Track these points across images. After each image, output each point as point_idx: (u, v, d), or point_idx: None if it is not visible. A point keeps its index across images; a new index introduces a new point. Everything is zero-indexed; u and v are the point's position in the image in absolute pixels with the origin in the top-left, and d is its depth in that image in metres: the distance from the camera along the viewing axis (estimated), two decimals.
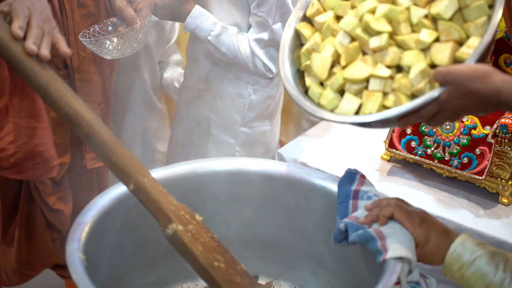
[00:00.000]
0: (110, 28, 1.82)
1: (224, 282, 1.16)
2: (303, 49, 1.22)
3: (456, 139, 1.84)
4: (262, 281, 1.46)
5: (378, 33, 1.12)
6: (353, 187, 1.29)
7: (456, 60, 1.06)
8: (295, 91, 1.18)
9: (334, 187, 1.34)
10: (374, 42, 1.12)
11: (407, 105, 1.05)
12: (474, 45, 1.05)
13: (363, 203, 1.25)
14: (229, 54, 1.92)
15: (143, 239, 1.29)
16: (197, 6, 1.92)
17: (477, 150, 1.81)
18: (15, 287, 2.13)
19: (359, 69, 1.13)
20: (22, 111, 1.35)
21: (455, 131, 1.85)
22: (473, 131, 1.83)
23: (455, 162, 1.85)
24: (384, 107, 1.11)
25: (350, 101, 1.12)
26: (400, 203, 1.20)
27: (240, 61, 1.93)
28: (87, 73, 1.88)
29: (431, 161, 1.89)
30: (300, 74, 1.23)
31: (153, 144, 2.47)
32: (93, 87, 1.92)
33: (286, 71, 1.21)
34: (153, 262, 1.31)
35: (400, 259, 1.12)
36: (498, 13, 1.06)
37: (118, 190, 1.31)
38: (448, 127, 1.86)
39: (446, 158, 1.87)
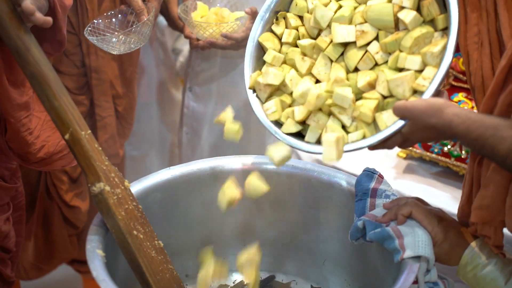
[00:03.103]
0: (114, 21, 1.82)
1: (139, 252, 1.16)
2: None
3: None
4: (279, 279, 1.47)
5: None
6: (371, 185, 1.29)
7: (414, 91, 1.10)
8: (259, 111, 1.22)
9: (351, 185, 1.35)
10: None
11: (375, 137, 1.10)
12: (429, 77, 1.08)
13: (381, 202, 1.25)
14: None
15: (162, 234, 1.30)
16: None
17: None
18: (32, 281, 2.15)
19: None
20: (40, 105, 1.37)
21: None
22: None
23: None
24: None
25: (314, 132, 1.17)
26: (418, 202, 1.20)
27: None
28: (104, 73, 1.89)
29: (448, 159, 1.88)
30: None
31: (170, 138, 2.48)
32: (111, 85, 1.93)
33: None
34: (171, 257, 1.31)
35: (418, 258, 1.13)
36: (453, 42, 1.07)
37: (136, 188, 1.32)
38: None
39: (462, 156, 1.86)
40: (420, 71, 1.11)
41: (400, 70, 1.13)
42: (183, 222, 1.41)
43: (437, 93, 1.08)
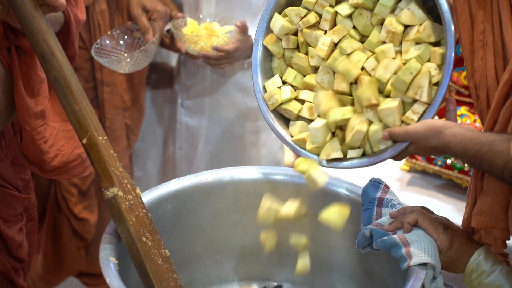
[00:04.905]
0: (120, 41, 1.86)
1: (147, 258, 1.18)
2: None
3: None
4: None
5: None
6: (378, 195, 1.31)
7: (403, 121, 1.17)
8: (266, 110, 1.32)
9: (357, 195, 1.37)
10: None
11: (384, 155, 1.19)
12: (419, 112, 1.15)
13: (387, 211, 1.28)
14: None
15: (172, 244, 1.32)
16: None
17: None
18: None
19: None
20: (55, 115, 1.41)
21: None
22: None
23: None
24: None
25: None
26: (424, 211, 1.23)
27: None
28: (115, 87, 1.93)
29: (451, 172, 1.91)
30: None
31: (172, 146, 2.49)
32: (121, 98, 1.97)
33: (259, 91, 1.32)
34: (181, 267, 1.34)
35: (424, 265, 1.15)
36: (446, 81, 1.13)
37: (147, 198, 1.35)
38: None
39: (465, 169, 1.88)
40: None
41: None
42: (193, 232, 1.43)
43: (442, 102, 1.14)
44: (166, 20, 1.95)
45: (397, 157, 1.19)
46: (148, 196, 1.35)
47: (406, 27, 1.20)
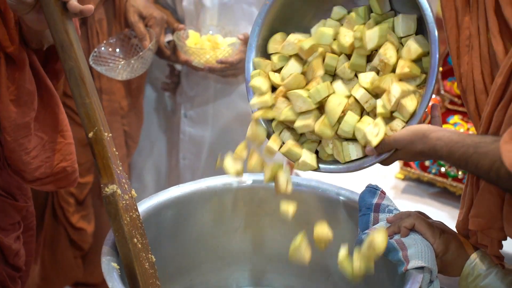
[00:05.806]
0: (117, 48, 1.88)
1: (137, 259, 1.19)
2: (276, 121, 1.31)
3: None
4: None
5: None
6: (375, 201, 1.33)
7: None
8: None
9: (354, 202, 1.39)
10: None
11: (369, 160, 1.20)
12: (396, 129, 1.16)
13: (384, 216, 1.30)
14: None
15: (171, 250, 1.34)
16: None
17: None
18: None
19: None
20: (45, 126, 1.39)
21: None
22: None
23: None
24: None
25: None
26: (420, 216, 1.25)
27: None
28: (114, 94, 1.94)
29: (445, 180, 1.93)
30: None
31: (175, 156, 2.50)
32: (120, 105, 1.98)
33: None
34: (180, 273, 1.35)
35: (421, 269, 1.16)
36: (425, 101, 1.14)
37: (147, 204, 1.36)
38: None
39: (459, 177, 1.91)
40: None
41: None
42: (192, 239, 1.44)
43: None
44: (162, 27, 1.96)
45: (384, 163, 1.20)
46: (148, 203, 1.36)
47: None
